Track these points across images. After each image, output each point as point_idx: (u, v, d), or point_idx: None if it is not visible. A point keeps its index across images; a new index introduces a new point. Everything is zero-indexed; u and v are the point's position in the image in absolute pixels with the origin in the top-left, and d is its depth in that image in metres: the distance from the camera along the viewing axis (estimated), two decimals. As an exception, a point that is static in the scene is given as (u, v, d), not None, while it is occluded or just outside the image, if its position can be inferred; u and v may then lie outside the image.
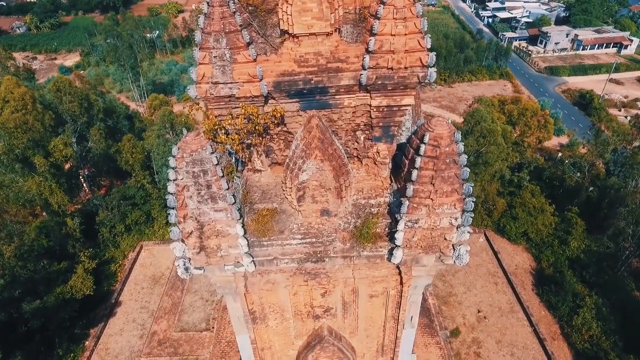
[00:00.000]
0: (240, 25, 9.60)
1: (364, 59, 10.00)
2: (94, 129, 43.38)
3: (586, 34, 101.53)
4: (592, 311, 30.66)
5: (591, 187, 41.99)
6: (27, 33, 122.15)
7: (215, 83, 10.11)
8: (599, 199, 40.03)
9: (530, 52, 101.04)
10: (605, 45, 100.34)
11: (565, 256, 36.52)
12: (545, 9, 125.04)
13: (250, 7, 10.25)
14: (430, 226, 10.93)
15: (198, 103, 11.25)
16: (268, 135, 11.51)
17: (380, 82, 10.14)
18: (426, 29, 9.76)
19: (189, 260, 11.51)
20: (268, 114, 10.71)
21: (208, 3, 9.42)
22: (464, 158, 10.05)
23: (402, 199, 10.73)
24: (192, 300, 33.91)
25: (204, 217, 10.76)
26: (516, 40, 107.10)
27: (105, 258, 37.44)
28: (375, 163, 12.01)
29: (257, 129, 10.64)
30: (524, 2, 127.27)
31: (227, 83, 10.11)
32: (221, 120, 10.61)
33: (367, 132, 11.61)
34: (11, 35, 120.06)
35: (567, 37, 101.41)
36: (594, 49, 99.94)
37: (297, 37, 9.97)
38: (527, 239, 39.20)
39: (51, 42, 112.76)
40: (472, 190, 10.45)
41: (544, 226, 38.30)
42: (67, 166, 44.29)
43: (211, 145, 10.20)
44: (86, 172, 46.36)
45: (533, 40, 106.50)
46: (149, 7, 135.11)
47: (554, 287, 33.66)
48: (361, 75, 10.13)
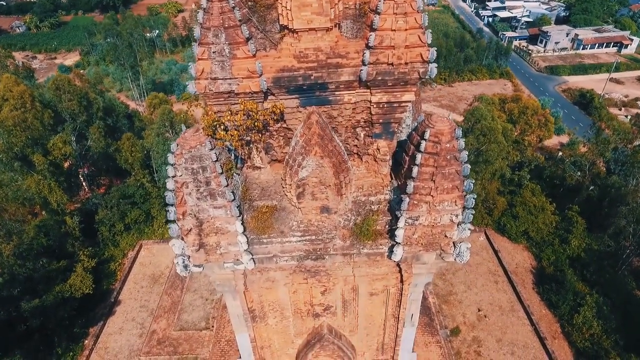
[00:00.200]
0: (240, 21, 9.52)
1: (364, 54, 9.91)
2: (93, 127, 43.32)
3: (586, 34, 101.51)
4: (592, 310, 30.56)
5: (592, 185, 41.93)
6: (27, 32, 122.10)
7: (215, 79, 10.03)
8: (599, 198, 39.98)
9: (530, 52, 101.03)
10: (605, 44, 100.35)
11: (566, 255, 36.46)
12: (546, 9, 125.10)
13: (250, 3, 10.16)
14: (430, 223, 10.87)
15: (197, 99, 11.17)
16: (267, 131, 11.43)
17: (380, 78, 10.05)
18: (427, 24, 9.69)
19: (188, 258, 11.45)
20: (267, 110, 10.63)
21: (207, -2, 9.34)
22: (464, 154, 9.99)
23: (402, 195, 10.67)
24: (191, 299, 33.84)
25: (203, 214, 10.69)
26: (516, 40, 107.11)
27: (104, 257, 37.37)
28: (375, 160, 11.92)
29: (256, 125, 10.56)
30: (524, 1, 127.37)
31: (226, 79, 10.03)
32: (220, 117, 10.53)
33: (367, 128, 11.52)
34: (11, 35, 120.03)
35: (567, 36, 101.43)
36: (594, 48, 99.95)
37: (297, 33, 9.88)
38: (527, 238, 39.12)
39: (51, 41, 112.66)
40: (472, 186, 10.39)
41: (545, 225, 38.22)
42: (66, 165, 44.24)
43: (210, 142, 10.14)
44: (85, 170, 46.32)
45: (533, 39, 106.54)
46: (148, 6, 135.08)
47: (554, 285, 33.60)
48: (361, 71, 10.04)
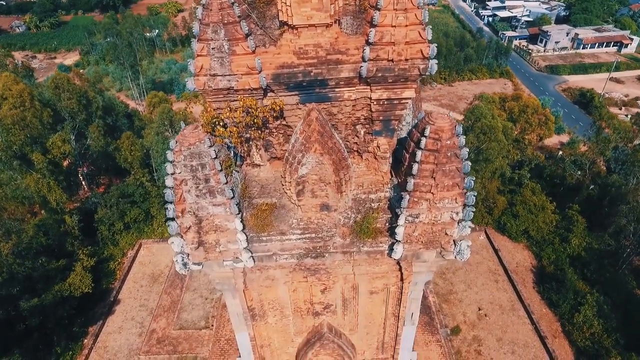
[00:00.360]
0: (239, 17, 9.45)
1: (364, 50, 9.84)
2: (92, 126, 43.26)
3: (586, 33, 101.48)
4: (593, 309, 30.51)
5: (592, 184, 41.90)
6: (27, 32, 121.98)
7: (214, 75, 9.96)
8: (599, 197, 39.93)
9: (530, 51, 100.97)
10: (605, 44, 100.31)
11: (566, 254, 36.39)
12: (546, 8, 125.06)
13: (249, -1, 10.10)
14: (431, 221, 10.80)
15: (197, 97, 11.11)
16: (267, 129, 11.37)
17: (380, 75, 9.99)
18: (427, 20, 9.63)
19: (188, 256, 11.38)
20: (267, 107, 10.56)
21: (206, -7, 9.27)
22: (465, 151, 9.92)
23: (402, 193, 10.60)
24: (191, 298, 33.78)
25: (202, 212, 10.62)
26: (516, 39, 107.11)
27: (104, 256, 37.28)
28: (375, 157, 11.86)
29: (255, 122, 10.49)
30: (524, 1, 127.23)
31: (225, 75, 9.96)
32: (219, 114, 10.46)
33: (367, 125, 11.46)
34: (11, 35, 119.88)
35: (567, 35, 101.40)
36: (594, 47, 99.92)
37: (297, 29, 9.82)
38: (527, 237, 39.06)
39: (51, 41, 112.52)
40: (473, 184, 10.32)
41: (545, 224, 38.18)
42: (65, 163, 44.18)
43: (209, 139, 10.06)
44: (85, 169, 46.27)
45: (533, 39, 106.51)
46: (148, 6, 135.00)
47: (555, 284, 33.55)
48: (361, 67, 9.97)
